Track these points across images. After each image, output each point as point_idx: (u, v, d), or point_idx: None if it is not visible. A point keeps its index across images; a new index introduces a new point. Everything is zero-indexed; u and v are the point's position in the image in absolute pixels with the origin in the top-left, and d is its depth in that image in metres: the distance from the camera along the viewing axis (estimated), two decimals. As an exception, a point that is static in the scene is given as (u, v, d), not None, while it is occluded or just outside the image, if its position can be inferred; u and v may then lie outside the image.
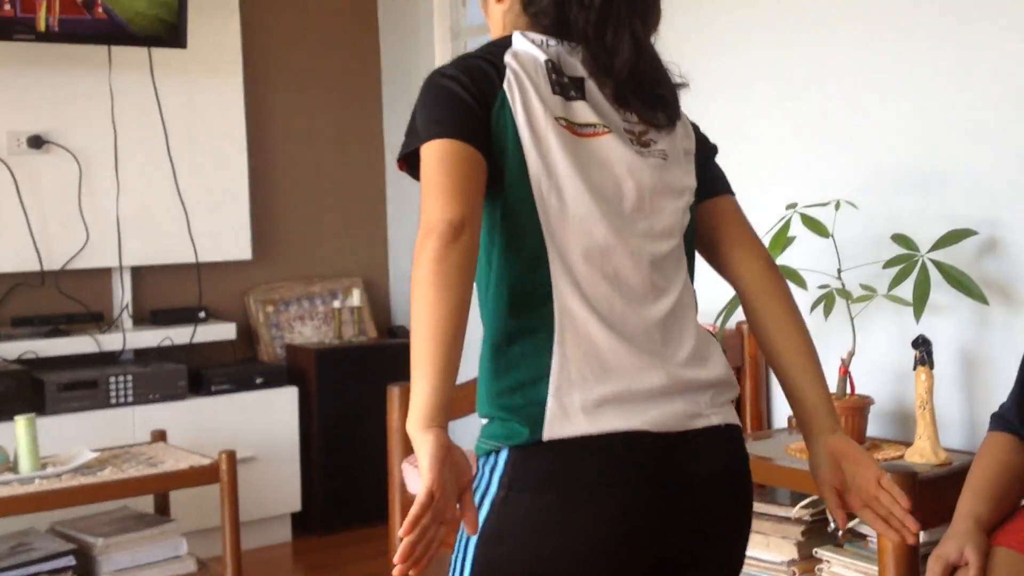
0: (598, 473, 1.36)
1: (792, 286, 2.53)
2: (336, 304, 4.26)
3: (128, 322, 3.91)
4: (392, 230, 4.61)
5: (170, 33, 3.73)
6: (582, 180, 1.40)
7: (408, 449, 3.12)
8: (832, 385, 2.56)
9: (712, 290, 2.03)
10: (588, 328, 1.39)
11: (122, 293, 3.91)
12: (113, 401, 3.59)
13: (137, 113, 3.87)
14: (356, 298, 4.25)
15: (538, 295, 1.40)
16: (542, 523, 1.36)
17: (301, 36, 4.31)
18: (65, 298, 3.79)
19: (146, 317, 3.99)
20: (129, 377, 3.62)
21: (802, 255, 2.64)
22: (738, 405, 3.10)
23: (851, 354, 2.57)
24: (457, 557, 1.42)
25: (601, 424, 1.37)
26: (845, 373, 2.56)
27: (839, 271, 2.62)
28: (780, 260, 2.56)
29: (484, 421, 1.48)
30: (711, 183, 1.61)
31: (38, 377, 3.52)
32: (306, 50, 4.33)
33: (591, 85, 1.46)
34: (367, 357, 4.16)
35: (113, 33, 3.65)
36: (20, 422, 2.86)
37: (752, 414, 3.10)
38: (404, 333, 4.41)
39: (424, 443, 1.27)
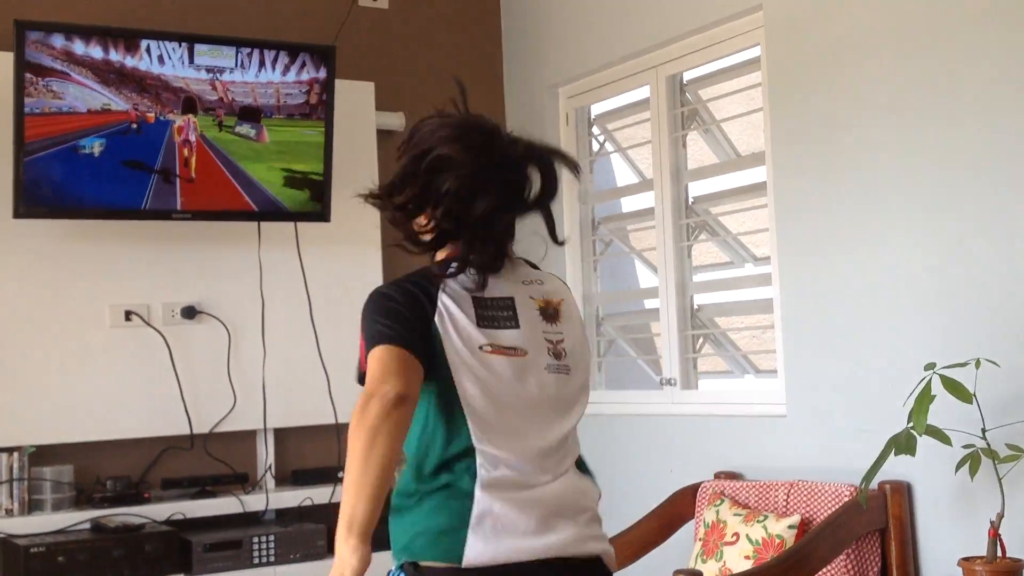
0: None
1: (937, 445, 2.51)
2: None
3: (271, 482, 4.02)
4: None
5: (316, 208, 3.96)
6: (494, 394, 1.77)
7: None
8: (982, 548, 2.48)
9: (854, 454, 2.03)
10: None
11: (266, 454, 4.04)
12: (256, 561, 3.68)
13: (283, 283, 4.07)
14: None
15: None
16: None
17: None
18: (212, 460, 3.93)
19: (287, 477, 4.10)
20: (271, 537, 3.71)
21: (945, 414, 2.60)
22: (883, 567, 3.02)
23: (1000, 516, 2.50)
24: None
25: None
26: (995, 535, 2.48)
27: (983, 430, 2.57)
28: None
29: None
30: None
31: (185, 538, 3.64)
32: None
33: (517, 294, 1.85)
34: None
35: (265, 210, 3.90)
36: (170, 583, 2.96)
37: (899, 578, 3.01)
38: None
39: (359, 554, 1.63)
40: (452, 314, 1.79)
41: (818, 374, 3.35)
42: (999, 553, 2.48)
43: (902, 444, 2.54)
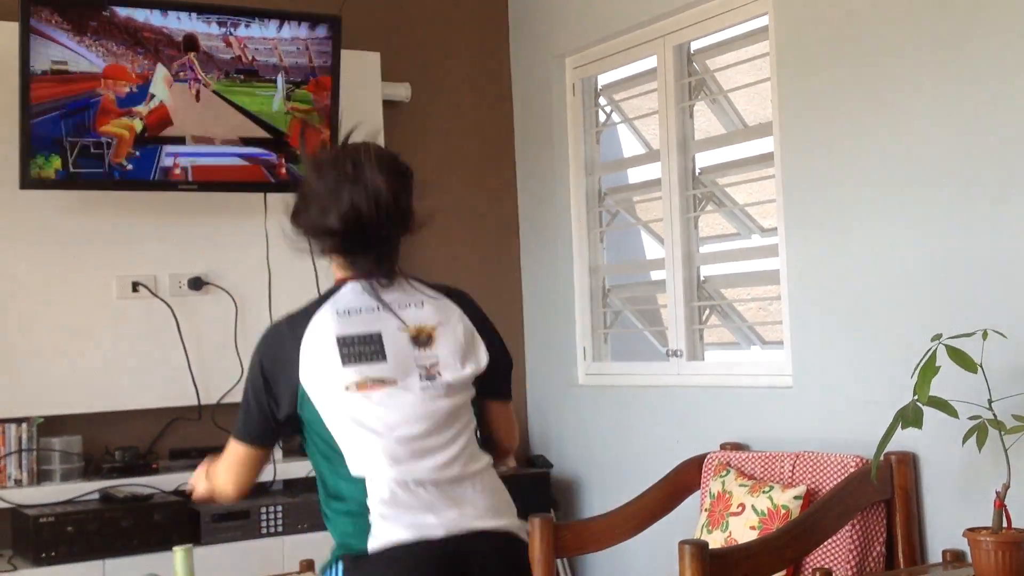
0: None
1: (943, 416, 2.51)
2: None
3: (278, 453, 4.04)
4: (530, 362, 4.68)
5: (321, 178, 3.94)
6: (368, 426, 1.93)
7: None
8: (987, 519, 2.49)
9: (860, 425, 2.02)
10: None
11: (273, 426, 4.05)
12: (264, 531, 3.70)
13: (289, 254, 4.04)
14: (495, 429, 4.30)
15: None
16: None
17: (442, 178, 4.49)
18: (220, 431, 3.94)
19: (295, 448, 4.11)
20: (279, 508, 3.73)
21: (952, 385, 2.60)
22: (889, 538, 3.03)
23: (1006, 487, 2.50)
24: None
25: None
26: (1000, 506, 2.49)
27: (990, 401, 2.57)
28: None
29: None
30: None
31: (194, 508, 3.66)
32: (446, 192, 4.51)
33: (385, 328, 1.99)
34: (507, 487, 4.17)
35: (268, 181, 3.90)
36: (178, 552, 2.96)
37: (905, 549, 3.02)
38: (544, 463, 4.44)
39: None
40: (315, 361, 1.96)
41: (824, 345, 3.35)
42: (1004, 524, 2.49)
43: (909, 417, 2.54)
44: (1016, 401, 2.60)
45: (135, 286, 3.89)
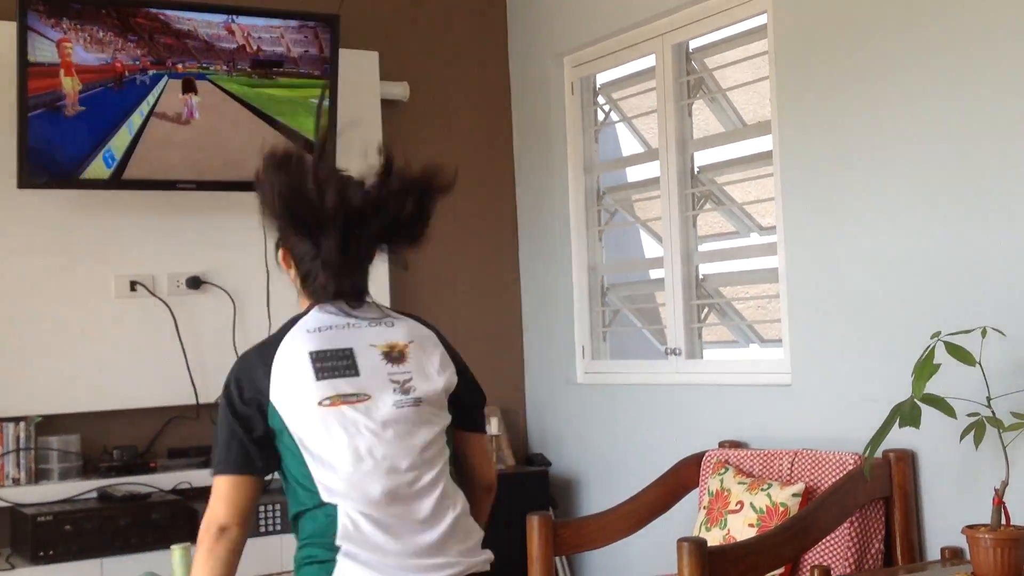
0: None
1: (942, 414, 2.51)
2: (475, 434, 4.32)
3: (276, 453, 4.03)
4: (529, 360, 4.68)
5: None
6: (342, 442, 1.90)
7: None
8: (986, 516, 2.49)
9: (859, 423, 2.02)
10: None
11: (271, 425, 4.05)
12: (262, 529, 3.69)
13: (287, 252, 4.06)
14: (494, 427, 4.31)
15: None
16: None
17: (440, 175, 4.49)
18: (218, 430, 3.94)
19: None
20: (277, 506, 3.72)
21: (950, 383, 2.60)
22: (888, 535, 3.03)
23: (1005, 484, 2.50)
24: None
25: None
26: (999, 503, 2.48)
27: (988, 399, 2.57)
28: (926, 388, 2.53)
29: None
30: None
31: (192, 507, 3.65)
32: (445, 188, 4.51)
33: (356, 344, 1.96)
34: (505, 485, 4.15)
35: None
36: (176, 551, 2.97)
37: (903, 546, 3.02)
38: (542, 461, 4.44)
39: None
40: (288, 379, 1.93)
41: (823, 343, 3.35)
42: (1003, 521, 2.49)
43: (906, 415, 2.53)
44: (1014, 398, 2.60)
45: (133, 285, 3.89)
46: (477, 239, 4.62)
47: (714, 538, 3.17)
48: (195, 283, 3.97)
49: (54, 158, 3.58)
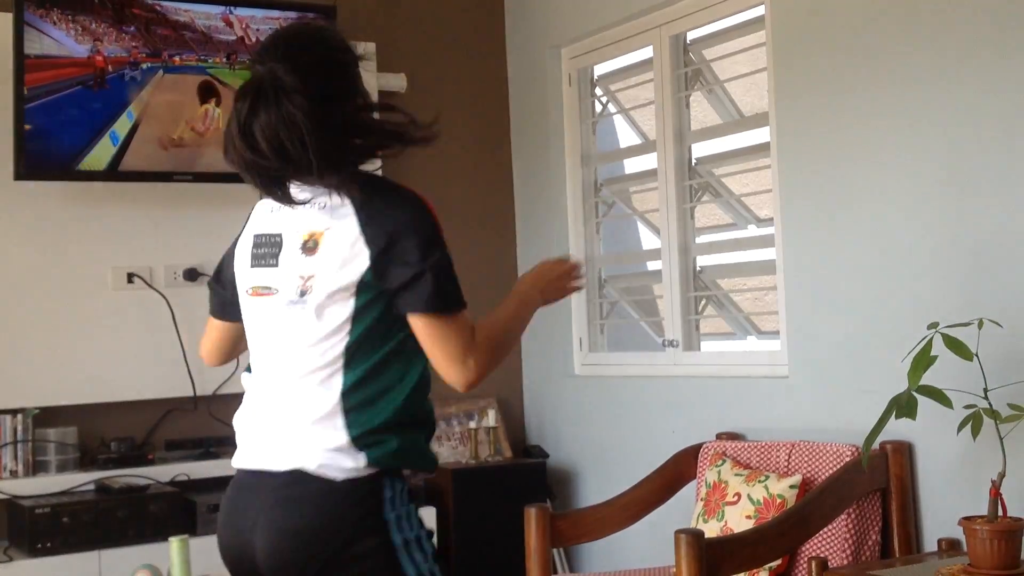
0: None
1: (939, 405, 2.51)
2: (472, 424, 4.33)
3: (274, 445, 4.03)
4: (526, 352, 4.68)
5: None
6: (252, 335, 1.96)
7: (545, 570, 3.13)
8: (983, 507, 2.49)
9: (856, 414, 2.03)
10: None
11: (268, 416, 4.05)
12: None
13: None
14: (491, 418, 4.31)
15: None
16: None
17: (438, 169, 4.49)
18: (216, 421, 3.95)
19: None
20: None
21: (947, 374, 2.60)
22: (885, 527, 3.04)
23: (1002, 475, 2.50)
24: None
25: None
26: (996, 495, 2.49)
27: (985, 390, 2.57)
28: (923, 380, 2.53)
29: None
30: None
31: (189, 499, 3.66)
32: (441, 179, 4.50)
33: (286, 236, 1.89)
34: (503, 477, 4.20)
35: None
36: (174, 543, 2.97)
37: (900, 537, 3.02)
38: (539, 453, 4.45)
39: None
40: (235, 260, 2.01)
41: (820, 335, 3.35)
42: (1000, 513, 2.49)
43: (903, 407, 2.54)
44: (1011, 390, 2.60)
45: (130, 277, 3.89)
46: (474, 230, 4.62)
47: (711, 530, 3.17)
48: (192, 275, 3.96)
49: (50, 150, 3.58)
